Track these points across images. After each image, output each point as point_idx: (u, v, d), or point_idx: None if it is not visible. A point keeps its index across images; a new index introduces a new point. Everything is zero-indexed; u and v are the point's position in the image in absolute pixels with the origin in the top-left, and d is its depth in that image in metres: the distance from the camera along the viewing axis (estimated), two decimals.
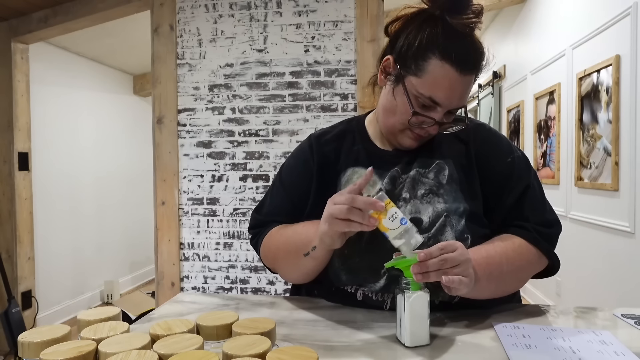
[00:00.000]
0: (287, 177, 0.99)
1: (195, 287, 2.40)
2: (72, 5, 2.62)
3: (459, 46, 0.77)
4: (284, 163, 1.03)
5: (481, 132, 0.91)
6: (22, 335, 0.59)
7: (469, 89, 0.81)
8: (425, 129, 0.82)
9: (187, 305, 0.95)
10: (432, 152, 0.88)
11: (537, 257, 0.85)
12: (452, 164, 0.87)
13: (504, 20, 4.37)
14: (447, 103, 0.79)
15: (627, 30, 2.19)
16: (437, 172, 0.86)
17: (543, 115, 3.37)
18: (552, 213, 0.90)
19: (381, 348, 0.70)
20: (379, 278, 0.84)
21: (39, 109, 3.31)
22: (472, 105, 5.71)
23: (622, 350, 0.66)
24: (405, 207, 0.84)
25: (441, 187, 0.85)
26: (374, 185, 0.88)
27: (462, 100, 0.80)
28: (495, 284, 0.80)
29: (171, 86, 2.40)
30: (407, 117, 0.81)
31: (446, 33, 0.77)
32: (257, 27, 2.36)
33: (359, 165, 0.91)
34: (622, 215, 2.27)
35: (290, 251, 0.87)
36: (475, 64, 0.79)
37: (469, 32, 0.78)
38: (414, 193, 0.85)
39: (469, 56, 0.78)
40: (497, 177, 0.87)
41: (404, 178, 0.87)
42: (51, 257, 3.46)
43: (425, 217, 0.82)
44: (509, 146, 0.91)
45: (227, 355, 0.53)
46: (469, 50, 0.78)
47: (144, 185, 4.36)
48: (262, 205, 1.02)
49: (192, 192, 2.40)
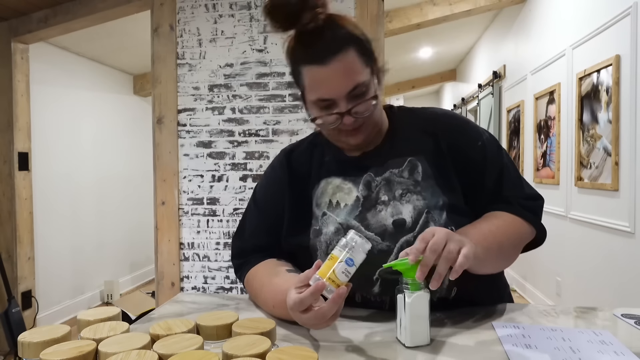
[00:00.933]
0: (261, 198, 0.99)
1: (195, 287, 2.40)
2: (72, 5, 2.62)
3: (309, 45, 0.78)
4: (257, 184, 1.02)
5: (448, 121, 0.91)
6: (22, 335, 0.59)
7: (350, 67, 0.78)
8: (344, 122, 0.81)
9: (187, 305, 0.95)
10: (402, 151, 0.88)
11: (526, 228, 0.87)
12: (424, 160, 0.87)
13: (504, 20, 4.37)
14: (334, 93, 0.78)
15: (627, 30, 2.19)
16: (411, 170, 0.86)
17: (543, 115, 3.37)
18: (530, 188, 0.92)
19: (381, 348, 0.70)
20: (373, 285, 0.85)
21: (39, 109, 3.31)
22: (472, 105, 5.72)
23: (622, 350, 0.66)
24: (386, 209, 0.84)
25: (417, 184, 0.85)
26: (350, 193, 0.87)
27: (347, 82, 0.78)
28: (495, 257, 0.80)
29: (171, 86, 2.40)
30: (326, 127, 0.83)
31: (297, 42, 0.80)
32: (257, 27, 2.36)
33: (331, 176, 0.91)
34: (622, 215, 2.27)
35: (266, 302, 0.86)
36: (332, 45, 0.77)
37: (315, 27, 0.77)
38: (391, 194, 0.85)
39: (323, 45, 0.77)
40: (472, 163, 0.88)
41: (379, 181, 0.87)
42: (51, 257, 3.46)
43: (407, 217, 0.83)
44: (477, 130, 0.92)
45: (227, 355, 0.53)
46: (320, 40, 0.77)
47: (144, 185, 4.36)
48: (241, 230, 1.01)
49: (192, 192, 2.40)
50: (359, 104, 0.80)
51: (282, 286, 0.80)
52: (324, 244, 0.87)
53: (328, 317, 0.66)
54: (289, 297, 0.69)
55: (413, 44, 4.99)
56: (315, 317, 0.66)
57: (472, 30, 5.02)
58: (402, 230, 0.83)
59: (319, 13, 0.77)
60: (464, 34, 5.08)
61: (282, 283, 0.81)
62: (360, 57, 0.79)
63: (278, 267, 0.89)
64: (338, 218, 0.87)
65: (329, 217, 0.88)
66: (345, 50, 0.77)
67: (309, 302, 0.66)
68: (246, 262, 0.96)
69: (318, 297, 0.66)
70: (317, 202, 0.91)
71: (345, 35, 0.78)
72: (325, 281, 0.66)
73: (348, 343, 0.72)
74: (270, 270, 0.89)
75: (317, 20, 0.77)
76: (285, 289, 0.77)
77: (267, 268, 0.90)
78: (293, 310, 0.68)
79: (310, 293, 0.65)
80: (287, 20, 0.77)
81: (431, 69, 6.50)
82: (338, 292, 0.65)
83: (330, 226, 0.87)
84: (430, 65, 6.21)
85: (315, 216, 0.90)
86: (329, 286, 0.65)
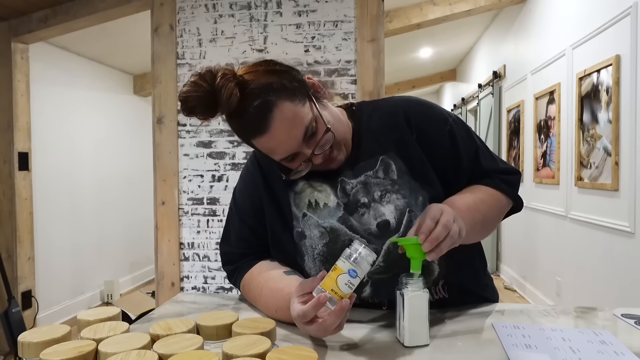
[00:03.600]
0: (240, 200, 0.97)
1: (195, 287, 2.40)
2: (72, 5, 2.61)
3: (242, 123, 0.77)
4: (235, 187, 1.00)
5: (412, 109, 0.90)
6: (22, 335, 0.59)
7: (290, 118, 0.75)
8: (315, 164, 0.81)
9: (187, 305, 0.95)
10: (372, 150, 0.87)
11: (504, 201, 0.89)
12: (395, 156, 0.86)
13: (504, 20, 4.37)
14: (289, 149, 0.78)
15: (627, 30, 2.19)
16: (385, 169, 0.86)
17: (543, 115, 3.37)
18: (505, 163, 0.94)
19: (381, 348, 0.70)
20: (363, 287, 0.85)
21: (39, 108, 3.31)
22: (472, 105, 5.72)
23: (622, 350, 0.66)
24: (368, 212, 0.84)
25: (395, 183, 0.85)
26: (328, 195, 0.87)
27: (296, 133, 0.76)
28: (479, 229, 0.83)
29: (171, 86, 2.40)
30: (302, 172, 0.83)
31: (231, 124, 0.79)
32: (257, 27, 2.36)
33: (309, 179, 0.88)
34: (622, 215, 2.27)
35: (268, 307, 0.85)
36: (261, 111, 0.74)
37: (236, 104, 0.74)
38: (370, 197, 0.84)
39: (253, 116, 0.75)
40: (443, 150, 0.87)
41: (354, 184, 0.86)
42: (51, 257, 3.46)
43: (391, 218, 0.83)
44: (442, 114, 0.91)
45: (227, 355, 0.53)
46: (247, 114, 0.75)
47: (144, 185, 4.36)
48: (226, 235, 0.99)
49: (192, 192, 2.40)
50: (319, 143, 0.78)
51: (283, 290, 0.80)
52: (309, 248, 0.86)
53: (331, 330, 0.66)
54: (293, 308, 0.69)
55: (413, 44, 4.99)
56: (318, 329, 0.67)
57: (472, 30, 5.02)
58: (386, 231, 0.83)
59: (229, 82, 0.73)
60: (464, 34, 5.08)
61: (283, 287, 0.81)
62: (292, 101, 0.76)
63: (274, 271, 0.88)
64: (320, 221, 0.85)
65: (310, 218, 0.86)
66: (276, 106, 0.74)
67: (312, 315, 0.66)
68: (238, 267, 0.95)
69: (320, 309, 0.66)
70: (295, 202, 0.89)
71: (266, 91, 0.74)
72: (327, 293, 0.65)
73: (348, 343, 0.72)
74: (267, 275, 0.88)
75: (232, 96, 0.73)
76: (287, 293, 0.77)
77: (262, 272, 0.89)
78: (297, 321, 0.69)
79: (312, 306, 0.65)
80: (207, 112, 0.75)
81: (431, 69, 6.50)
82: (340, 305, 0.65)
83: (314, 230, 0.85)
84: (430, 65, 6.21)
85: (296, 217, 0.88)
86: (332, 298, 0.65)
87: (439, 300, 0.87)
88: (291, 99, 0.76)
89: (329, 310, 0.66)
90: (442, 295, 0.87)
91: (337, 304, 0.65)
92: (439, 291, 0.87)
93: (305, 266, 0.87)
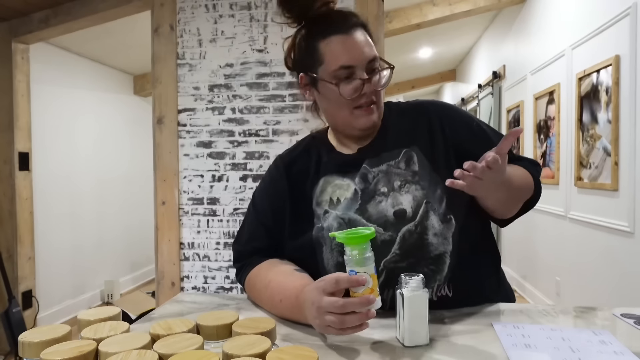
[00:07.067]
0: (260, 203, 0.99)
1: (196, 287, 2.40)
2: (72, 6, 2.62)
3: (327, 21, 0.86)
4: (255, 189, 1.03)
5: (441, 106, 0.96)
6: (23, 335, 0.59)
7: (367, 39, 0.86)
8: (364, 93, 0.85)
9: (187, 305, 0.95)
10: (396, 143, 0.91)
11: (531, 184, 0.91)
12: (418, 150, 0.89)
13: (503, 20, 4.37)
14: (357, 58, 0.84)
15: (627, 30, 2.19)
16: (407, 161, 0.89)
17: (543, 116, 3.37)
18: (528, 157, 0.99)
19: (380, 348, 0.70)
20: (379, 275, 0.84)
21: (39, 109, 3.32)
22: (472, 105, 5.72)
23: (622, 350, 0.66)
24: (386, 200, 0.86)
25: (415, 174, 0.87)
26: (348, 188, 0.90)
27: (368, 50, 0.85)
28: (506, 193, 0.81)
29: (171, 86, 2.40)
30: (343, 97, 0.85)
31: (313, 23, 0.88)
32: (257, 27, 2.36)
33: (329, 174, 0.92)
34: (622, 215, 2.27)
35: (272, 297, 0.85)
36: (349, 19, 0.86)
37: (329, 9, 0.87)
38: (390, 186, 0.87)
39: (341, 18, 0.86)
40: (474, 142, 0.89)
41: (375, 172, 0.89)
42: (52, 257, 3.46)
43: (408, 207, 0.85)
44: (468, 113, 0.99)
45: (227, 355, 0.53)
46: (337, 16, 0.87)
47: (144, 185, 4.36)
48: (240, 234, 1.01)
49: (192, 192, 2.41)
50: (376, 74, 0.85)
51: (294, 282, 0.80)
52: (327, 239, 0.88)
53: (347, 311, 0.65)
54: (319, 299, 0.67)
55: (413, 44, 4.99)
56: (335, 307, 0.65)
57: (472, 31, 5.02)
58: (403, 220, 0.84)
59: (330, 2, 0.87)
60: (464, 34, 5.08)
61: (295, 280, 0.82)
62: (367, 36, 0.87)
63: (284, 266, 0.89)
64: (339, 213, 0.88)
65: (330, 213, 0.89)
66: (361, 27, 0.86)
67: (352, 307, 0.65)
68: (247, 264, 0.96)
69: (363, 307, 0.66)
70: (317, 201, 0.91)
71: (358, 18, 0.87)
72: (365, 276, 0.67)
73: (348, 343, 0.72)
74: (276, 269, 0.89)
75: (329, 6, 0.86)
76: (298, 285, 0.78)
77: (272, 267, 0.90)
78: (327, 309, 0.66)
79: (358, 300, 0.65)
80: (301, 9, 0.86)
81: (431, 69, 6.50)
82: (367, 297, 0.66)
83: (333, 222, 0.88)
84: (430, 65, 6.21)
85: (317, 215, 0.91)
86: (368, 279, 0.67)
87: (441, 297, 0.85)
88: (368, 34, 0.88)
89: None
90: (446, 293, 0.86)
91: None
92: (443, 289, 0.86)
93: (323, 256, 0.88)
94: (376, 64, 0.86)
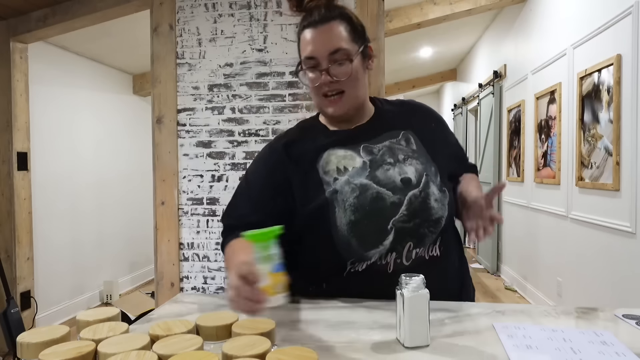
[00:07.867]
0: (255, 179, 1.02)
1: (195, 287, 2.40)
2: (71, 5, 2.61)
3: (308, 15, 0.95)
4: (249, 167, 1.07)
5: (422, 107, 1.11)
6: (21, 336, 0.59)
7: (335, 33, 0.92)
8: (321, 84, 0.93)
9: (186, 306, 0.95)
10: (395, 126, 1.02)
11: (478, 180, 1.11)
12: (413, 134, 1.01)
13: (504, 20, 4.37)
14: (318, 50, 0.91)
15: (628, 29, 2.19)
16: (407, 141, 1.00)
17: (544, 115, 3.36)
18: None
19: (381, 348, 0.70)
20: (387, 234, 0.90)
21: (38, 108, 3.31)
22: (472, 105, 5.72)
23: (623, 351, 0.66)
24: (393, 168, 0.95)
25: (415, 152, 0.99)
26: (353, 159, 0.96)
27: (330, 43, 0.91)
28: None
29: (171, 86, 2.40)
30: (311, 85, 0.95)
31: (302, 18, 0.96)
32: (257, 26, 2.35)
33: (332, 147, 0.98)
34: (623, 215, 2.27)
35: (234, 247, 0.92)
36: (326, 13, 0.92)
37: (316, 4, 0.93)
38: (395, 158, 0.96)
39: (317, 13, 0.93)
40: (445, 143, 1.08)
41: (380, 147, 0.98)
42: (50, 257, 3.46)
43: (412, 177, 0.95)
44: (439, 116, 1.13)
45: (226, 356, 0.53)
46: (317, 10, 0.93)
47: (144, 185, 4.36)
48: (232, 208, 1.03)
49: (192, 192, 2.40)
50: (336, 66, 0.92)
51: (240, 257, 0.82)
52: (340, 201, 0.92)
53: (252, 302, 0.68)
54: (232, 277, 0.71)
55: (413, 43, 4.99)
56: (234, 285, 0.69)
57: (473, 30, 5.02)
58: (409, 186, 0.94)
59: None
60: (465, 33, 5.08)
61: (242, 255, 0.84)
62: (348, 32, 0.92)
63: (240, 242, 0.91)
64: (351, 179, 0.94)
65: (341, 179, 0.94)
66: (335, 21, 0.92)
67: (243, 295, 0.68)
68: (229, 236, 0.98)
69: None
70: (324, 171, 0.96)
71: (338, 12, 0.93)
72: None
73: (348, 343, 0.72)
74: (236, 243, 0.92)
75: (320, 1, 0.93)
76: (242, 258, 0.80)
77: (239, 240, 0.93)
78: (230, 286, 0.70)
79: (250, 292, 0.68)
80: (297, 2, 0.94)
81: (431, 68, 6.50)
82: None
83: (345, 186, 0.93)
84: (431, 64, 6.21)
85: (326, 182, 0.95)
86: None
87: (432, 257, 0.93)
88: (348, 30, 0.93)
89: None
90: (436, 254, 0.93)
91: None
92: (434, 249, 0.93)
93: (336, 216, 0.92)
94: (342, 56, 0.91)
